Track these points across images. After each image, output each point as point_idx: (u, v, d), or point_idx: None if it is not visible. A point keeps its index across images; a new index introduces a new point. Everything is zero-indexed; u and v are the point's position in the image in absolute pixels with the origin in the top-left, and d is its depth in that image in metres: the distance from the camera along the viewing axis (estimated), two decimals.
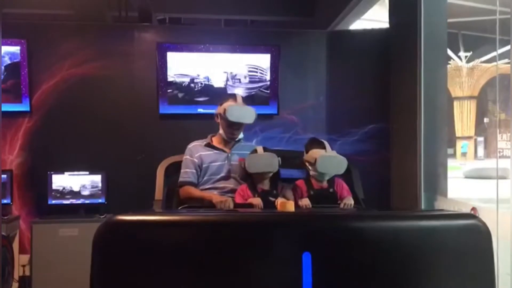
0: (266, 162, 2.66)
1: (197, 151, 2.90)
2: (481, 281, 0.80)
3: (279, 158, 2.67)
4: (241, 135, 2.96)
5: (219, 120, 2.91)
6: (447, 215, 0.95)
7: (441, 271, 0.78)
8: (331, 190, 2.75)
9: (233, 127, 2.85)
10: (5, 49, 4.14)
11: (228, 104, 2.82)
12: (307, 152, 2.78)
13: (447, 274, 0.78)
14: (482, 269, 0.80)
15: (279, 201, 2.54)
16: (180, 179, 2.89)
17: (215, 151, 2.91)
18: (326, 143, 2.78)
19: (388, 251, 0.78)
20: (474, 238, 0.81)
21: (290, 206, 2.47)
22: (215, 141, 2.96)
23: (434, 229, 0.81)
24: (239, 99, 2.86)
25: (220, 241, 0.80)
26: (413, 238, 0.79)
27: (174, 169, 2.99)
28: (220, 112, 2.85)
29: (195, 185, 2.86)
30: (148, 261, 0.80)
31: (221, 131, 2.91)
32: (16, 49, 4.17)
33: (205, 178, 2.87)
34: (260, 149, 2.74)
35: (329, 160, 2.69)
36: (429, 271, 0.78)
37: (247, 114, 2.82)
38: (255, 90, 4.41)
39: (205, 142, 2.95)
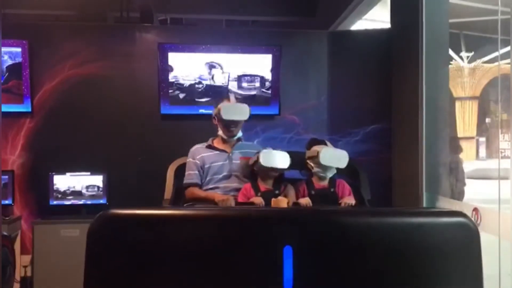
0: (280, 158, 2.73)
1: (198, 153, 2.99)
2: (468, 278, 0.80)
3: (290, 159, 2.74)
4: (240, 134, 3.04)
5: (216, 122, 3.00)
6: (435, 212, 0.96)
7: (427, 267, 0.79)
8: (332, 190, 2.77)
9: (229, 125, 2.94)
10: (7, 49, 4.15)
11: (222, 104, 2.94)
12: (308, 150, 2.81)
13: (432, 270, 0.78)
14: (469, 266, 0.80)
15: (273, 200, 2.60)
16: (185, 181, 2.97)
17: (216, 151, 2.99)
18: (326, 141, 2.83)
19: (371, 246, 0.78)
20: (462, 236, 0.81)
21: (283, 203, 2.52)
22: (216, 143, 3.04)
23: (420, 225, 0.82)
24: (233, 99, 2.98)
25: (204, 235, 0.81)
26: (397, 234, 0.80)
27: (183, 170, 3.05)
28: (216, 112, 2.95)
29: (199, 185, 2.94)
30: (140, 255, 0.81)
31: (219, 132, 3.00)
32: (17, 49, 4.17)
33: (207, 178, 2.94)
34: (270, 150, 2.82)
35: (331, 153, 2.73)
36: (413, 267, 0.79)
37: (240, 111, 2.91)
38: (256, 90, 4.41)
39: (206, 144, 3.03)
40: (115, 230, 0.85)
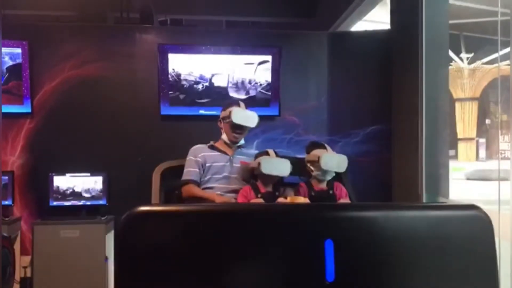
0: (281, 166, 2.74)
1: (200, 152, 2.99)
2: (483, 270, 0.83)
3: (291, 165, 2.75)
4: (242, 141, 3.05)
5: (222, 125, 3.00)
6: (449, 206, 1.01)
7: (443, 259, 0.82)
8: (330, 192, 2.81)
9: (236, 130, 2.94)
10: (7, 50, 4.15)
11: (233, 108, 2.93)
12: (308, 153, 2.84)
13: (449, 262, 0.82)
14: (484, 259, 0.84)
15: (289, 198, 2.61)
16: (183, 177, 2.95)
17: (218, 152, 3.00)
18: (326, 144, 2.85)
19: (402, 239, 0.82)
20: (476, 228, 0.85)
21: (300, 201, 2.54)
22: (218, 145, 3.05)
23: (438, 218, 0.85)
24: (243, 106, 2.96)
25: (242, 230, 0.83)
26: (421, 226, 0.84)
27: (170, 174, 3.02)
28: (225, 115, 2.94)
29: (198, 184, 2.94)
30: (170, 251, 0.82)
31: (223, 135, 3.01)
32: (17, 50, 4.18)
33: (207, 177, 2.94)
34: (272, 152, 2.82)
35: (332, 158, 2.76)
36: (433, 259, 0.82)
37: (250, 118, 2.93)
38: (256, 91, 4.41)
39: (208, 145, 3.04)
40: (145, 226, 0.85)
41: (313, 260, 0.79)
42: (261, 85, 4.41)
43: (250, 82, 4.40)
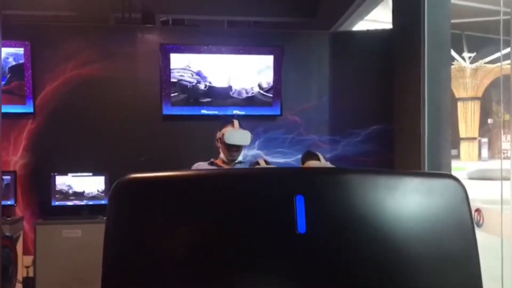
0: None
1: (201, 168, 3.08)
2: (459, 236, 0.88)
3: None
4: (240, 157, 3.17)
5: (219, 144, 3.12)
6: (425, 173, 1.08)
7: (422, 223, 0.87)
8: None
9: (232, 149, 3.07)
10: (9, 50, 4.16)
11: (226, 129, 3.07)
12: (303, 164, 2.92)
13: (427, 226, 0.87)
14: (459, 225, 0.88)
15: None
16: None
17: (218, 168, 3.06)
18: (320, 155, 2.93)
19: (372, 201, 0.87)
20: (451, 196, 0.90)
21: None
22: (218, 162, 3.16)
23: (411, 184, 0.90)
24: (236, 124, 3.09)
25: (222, 193, 0.87)
26: (390, 191, 0.88)
27: None
28: (219, 136, 3.08)
29: None
30: (160, 217, 0.85)
31: (221, 154, 3.12)
32: (19, 50, 4.18)
33: None
34: (262, 162, 2.91)
35: None
36: (409, 222, 0.87)
37: (243, 138, 3.08)
38: (258, 91, 4.41)
39: (208, 162, 3.15)
40: (135, 193, 0.87)
41: (284, 214, 0.85)
42: (262, 85, 4.41)
43: (251, 82, 4.40)
